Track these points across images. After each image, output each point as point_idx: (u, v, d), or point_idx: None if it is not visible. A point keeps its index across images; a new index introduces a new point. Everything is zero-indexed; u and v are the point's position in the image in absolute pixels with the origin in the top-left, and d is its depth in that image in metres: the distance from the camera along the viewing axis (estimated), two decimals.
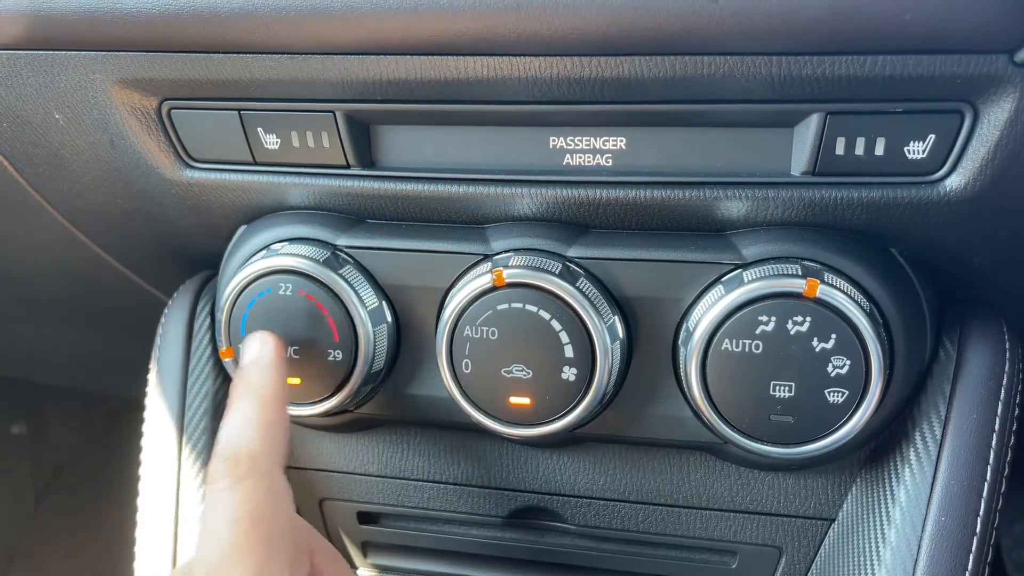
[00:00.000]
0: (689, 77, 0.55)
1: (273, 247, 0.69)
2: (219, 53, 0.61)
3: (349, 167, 0.65)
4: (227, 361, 0.70)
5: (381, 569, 0.82)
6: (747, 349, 0.59)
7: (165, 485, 0.76)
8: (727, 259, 0.62)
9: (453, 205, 0.65)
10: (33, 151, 0.73)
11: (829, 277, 0.59)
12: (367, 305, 0.67)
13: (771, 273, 0.59)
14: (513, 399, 0.64)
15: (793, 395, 0.59)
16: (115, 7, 0.59)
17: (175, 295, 0.81)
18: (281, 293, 0.67)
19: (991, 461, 0.62)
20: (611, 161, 0.62)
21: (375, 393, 0.71)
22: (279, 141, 0.65)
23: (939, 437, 0.64)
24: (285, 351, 0.65)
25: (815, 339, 0.58)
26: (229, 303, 0.68)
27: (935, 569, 0.61)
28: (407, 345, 0.70)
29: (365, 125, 0.65)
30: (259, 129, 0.65)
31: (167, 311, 0.80)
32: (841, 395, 0.59)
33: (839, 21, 0.51)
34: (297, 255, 0.66)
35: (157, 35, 0.60)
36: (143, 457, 0.78)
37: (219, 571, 0.51)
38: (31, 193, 0.79)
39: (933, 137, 0.56)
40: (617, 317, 0.64)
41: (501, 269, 0.62)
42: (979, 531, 0.61)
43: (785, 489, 0.70)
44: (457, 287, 0.65)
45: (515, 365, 0.63)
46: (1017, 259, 0.65)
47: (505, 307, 0.62)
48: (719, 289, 0.61)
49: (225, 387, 0.78)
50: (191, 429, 0.76)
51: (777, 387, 0.60)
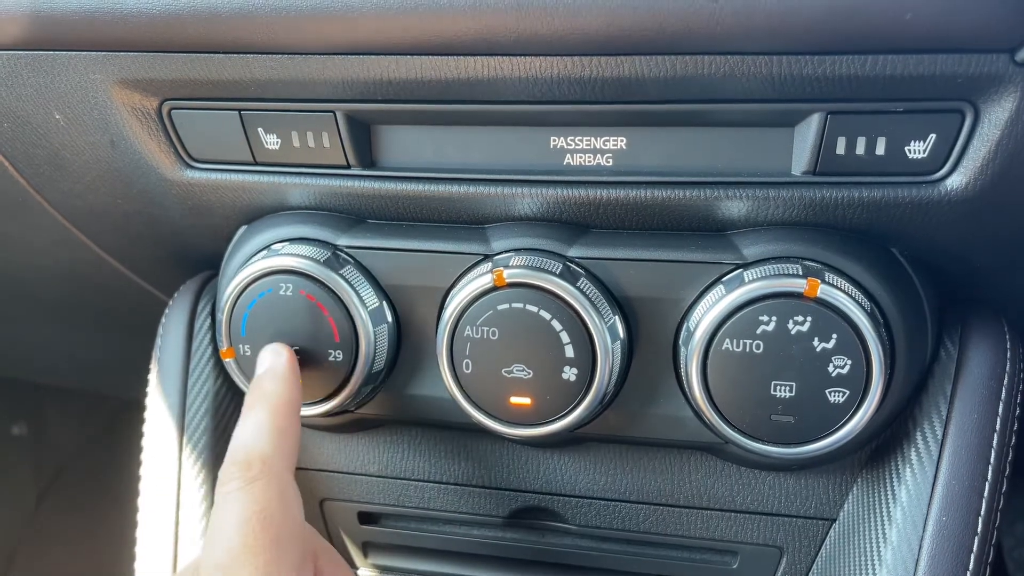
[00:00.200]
0: (689, 77, 0.55)
1: (274, 247, 0.69)
2: (219, 53, 0.61)
3: (349, 167, 0.65)
4: (227, 361, 0.70)
5: (382, 569, 0.82)
6: (748, 349, 0.59)
7: (166, 485, 0.76)
8: (728, 259, 0.62)
9: (453, 205, 0.65)
10: (33, 151, 0.73)
11: (830, 277, 0.59)
12: (368, 305, 0.67)
13: (772, 273, 0.59)
14: (514, 399, 0.64)
15: (794, 395, 0.59)
16: (115, 7, 0.59)
17: (175, 295, 0.81)
18: (282, 293, 0.67)
19: (992, 461, 0.62)
20: (611, 161, 0.62)
21: (376, 393, 0.71)
22: (279, 141, 0.65)
23: (940, 437, 0.64)
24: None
25: (816, 339, 0.58)
26: (230, 303, 0.68)
27: (936, 569, 0.61)
28: (408, 345, 0.70)
29: (365, 125, 0.65)
30: (259, 129, 0.65)
31: (168, 311, 0.80)
32: (842, 395, 0.59)
33: (839, 21, 0.51)
34: (298, 255, 0.66)
35: (157, 35, 0.60)
36: (144, 457, 0.78)
37: (227, 571, 0.51)
38: (31, 194, 0.79)
39: (934, 137, 0.56)
40: (618, 317, 0.64)
41: (502, 269, 0.62)
42: (980, 531, 0.61)
43: (786, 489, 0.70)
44: (458, 287, 0.65)
45: (516, 365, 0.63)
46: (1018, 259, 0.65)
47: (506, 307, 0.62)
48: (720, 289, 0.61)
49: (225, 387, 0.78)
50: (192, 429, 0.76)
51: (778, 387, 0.60)
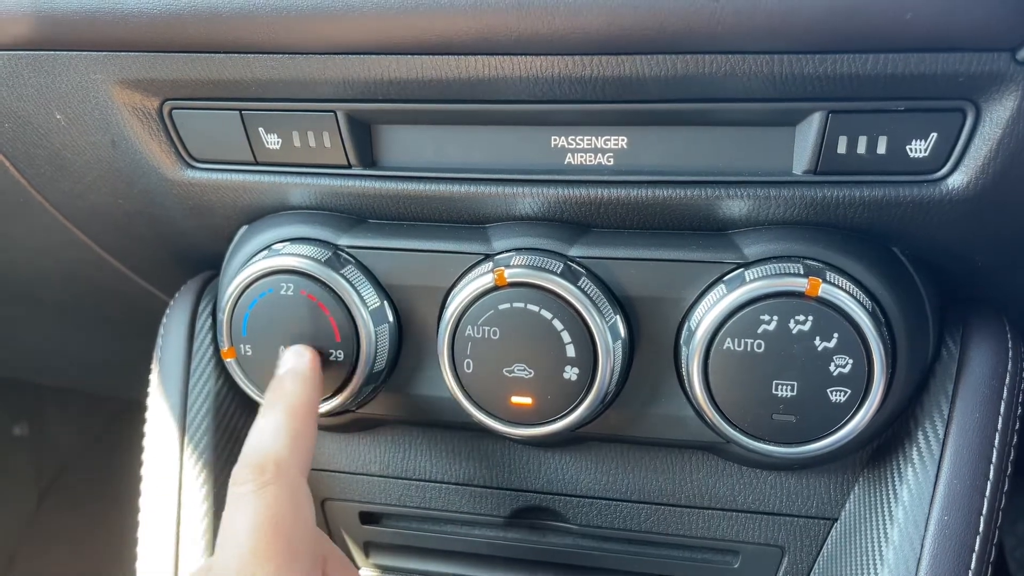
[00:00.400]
0: (690, 76, 0.55)
1: (274, 247, 0.69)
2: (220, 53, 0.61)
3: (350, 167, 0.65)
4: (229, 361, 0.70)
5: (383, 569, 0.82)
6: (749, 348, 0.59)
7: (167, 485, 0.76)
8: (729, 258, 0.62)
9: (454, 205, 0.65)
10: (35, 152, 0.73)
11: (831, 276, 0.59)
12: (369, 305, 0.67)
13: (773, 272, 0.59)
14: (515, 399, 0.64)
15: (795, 394, 0.59)
16: (116, 7, 0.59)
17: (177, 295, 0.81)
18: (283, 293, 0.67)
19: (994, 460, 0.62)
20: (612, 160, 0.62)
21: (377, 393, 0.71)
22: (280, 141, 0.65)
23: (942, 436, 0.63)
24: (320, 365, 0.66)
25: (817, 338, 0.58)
26: (231, 303, 0.68)
27: (938, 568, 0.61)
28: (409, 345, 0.70)
29: (366, 125, 0.65)
30: (260, 129, 0.65)
31: (169, 311, 0.80)
32: (843, 394, 0.59)
33: (840, 20, 0.50)
34: (298, 255, 0.66)
35: (158, 35, 0.60)
36: (145, 457, 0.78)
37: (240, 574, 0.51)
38: (32, 194, 0.79)
39: (935, 136, 0.56)
40: (619, 316, 0.64)
41: (503, 269, 0.62)
42: (982, 530, 0.61)
43: (787, 488, 0.70)
44: (459, 287, 0.65)
45: (517, 365, 0.63)
46: (1019, 258, 0.65)
47: (507, 307, 0.62)
48: (721, 288, 0.61)
49: (227, 387, 0.78)
50: (193, 429, 0.76)
51: (779, 386, 0.60)
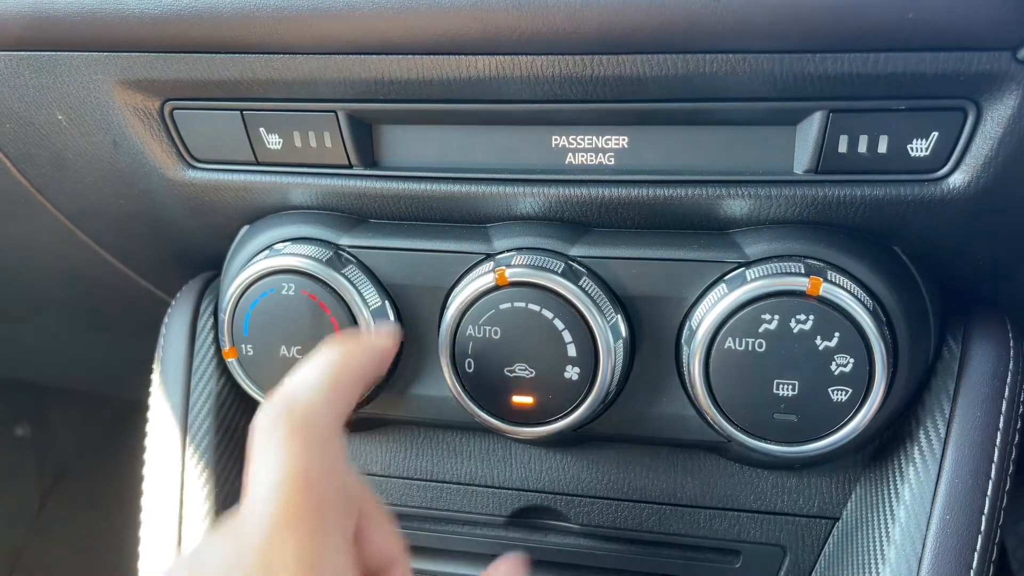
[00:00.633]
0: (691, 75, 0.55)
1: (276, 247, 0.69)
2: (221, 53, 0.61)
3: (351, 167, 0.65)
4: (230, 361, 0.70)
5: None
6: (750, 348, 0.59)
7: (169, 485, 0.76)
8: (730, 257, 0.62)
9: (455, 204, 0.65)
10: (36, 152, 0.73)
11: (832, 275, 0.59)
12: (370, 305, 0.67)
13: (774, 271, 0.59)
14: (516, 398, 0.64)
15: (796, 393, 0.59)
16: (117, 8, 0.59)
17: (178, 296, 0.81)
18: (284, 293, 0.67)
19: (995, 459, 0.62)
20: (613, 160, 0.62)
21: (378, 393, 0.71)
22: (281, 141, 0.65)
23: (943, 435, 0.63)
24: (396, 342, 0.61)
25: (818, 337, 0.58)
26: (232, 303, 0.68)
27: (940, 568, 0.61)
28: (410, 345, 0.70)
29: (367, 125, 0.65)
30: (261, 129, 0.65)
31: (170, 311, 0.80)
32: (845, 393, 0.59)
33: (841, 19, 0.51)
34: (300, 255, 0.67)
35: (159, 36, 0.60)
36: (147, 457, 0.78)
37: (269, 540, 0.45)
38: (34, 194, 0.79)
39: (936, 135, 0.56)
40: (620, 316, 0.64)
41: (504, 268, 0.62)
42: (984, 530, 0.61)
43: (789, 488, 0.70)
44: (460, 286, 0.65)
45: (518, 364, 0.63)
46: (1020, 256, 0.65)
47: (508, 306, 0.62)
48: (722, 287, 0.61)
49: (228, 387, 0.78)
50: (194, 429, 0.76)
51: (780, 386, 0.60)
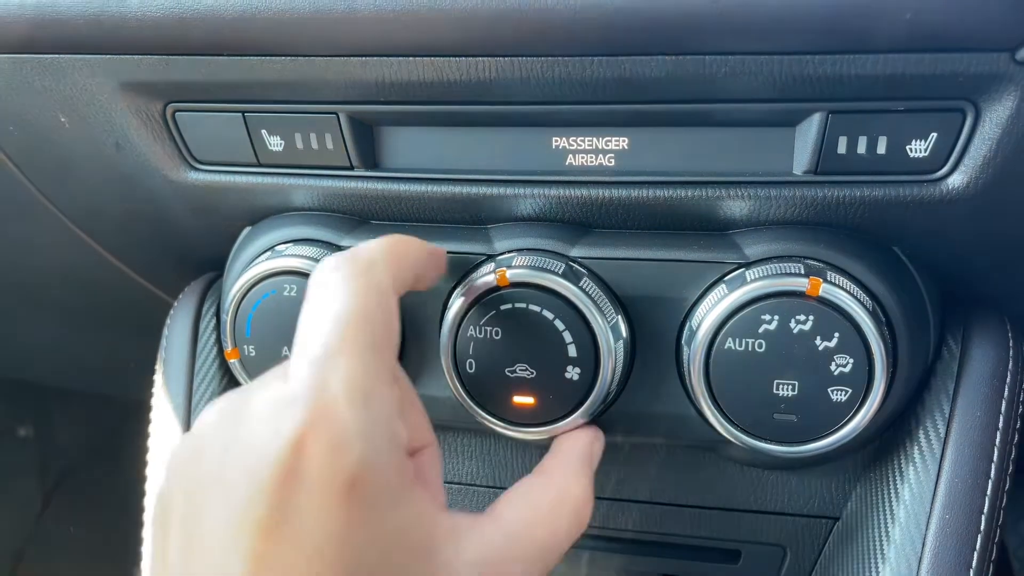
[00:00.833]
0: (690, 77, 0.55)
1: (278, 248, 0.69)
2: (222, 56, 0.61)
3: (352, 168, 0.66)
4: (232, 362, 0.71)
5: None
6: (750, 348, 0.60)
7: None
8: (730, 258, 0.62)
9: (456, 205, 0.66)
10: (39, 154, 0.73)
11: (832, 276, 0.59)
12: None
13: (774, 272, 0.60)
14: (517, 399, 0.64)
15: (796, 394, 0.60)
16: (119, 11, 0.60)
17: (180, 297, 0.81)
18: (286, 294, 0.67)
19: (995, 459, 0.62)
20: (613, 161, 0.62)
21: None
22: (283, 143, 0.65)
23: (943, 435, 0.64)
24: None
25: (818, 338, 0.58)
26: (234, 304, 0.69)
27: (939, 567, 0.61)
28: (411, 345, 0.70)
29: (368, 126, 0.65)
30: (263, 131, 0.65)
31: (172, 313, 0.81)
32: (844, 393, 0.59)
33: (839, 21, 0.51)
34: (302, 256, 0.67)
35: (161, 39, 0.60)
36: (149, 458, 0.78)
37: (321, 366, 0.45)
38: (37, 196, 0.79)
39: (935, 136, 0.56)
40: (620, 316, 0.64)
41: (504, 269, 0.62)
42: (983, 529, 0.61)
43: (789, 488, 0.70)
44: (461, 287, 0.65)
45: (519, 365, 0.64)
46: (1020, 257, 0.65)
47: (509, 307, 0.63)
48: (722, 288, 0.61)
49: (230, 388, 0.78)
50: None
51: (780, 386, 0.60)
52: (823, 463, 0.69)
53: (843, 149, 0.57)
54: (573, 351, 0.62)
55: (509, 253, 0.65)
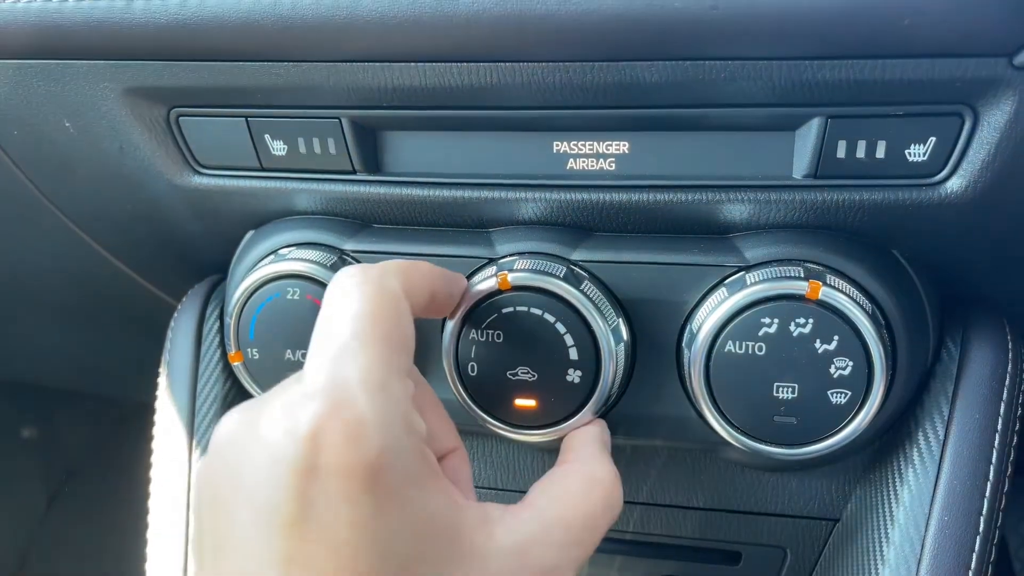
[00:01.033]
0: (690, 82, 0.55)
1: (281, 252, 0.70)
2: (226, 61, 0.61)
3: (355, 173, 0.66)
4: (236, 365, 0.71)
5: None
6: (750, 351, 0.60)
7: (176, 488, 0.77)
8: (730, 262, 0.63)
9: (458, 209, 0.66)
10: (43, 158, 0.74)
11: (831, 279, 0.59)
12: None
13: (774, 275, 0.60)
14: (519, 401, 0.65)
15: (796, 396, 0.60)
16: (124, 18, 0.60)
17: (184, 299, 0.82)
18: (289, 297, 0.67)
19: (994, 461, 0.63)
20: (614, 165, 0.63)
21: None
22: (286, 147, 0.66)
23: (942, 437, 0.64)
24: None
25: (818, 340, 0.59)
26: (238, 307, 0.69)
27: (939, 568, 0.61)
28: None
29: (371, 131, 0.65)
30: (266, 136, 0.66)
31: (176, 315, 0.81)
32: (844, 396, 0.59)
33: (838, 26, 0.51)
34: (304, 259, 0.67)
35: (165, 45, 0.61)
36: (154, 460, 0.79)
37: (336, 362, 0.45)
38: (41, 199, 0.79)
39: (933, 140, 0.56)
40: (621, 319, 0.64)
41: (506, 273, 0.63)
42: (982, 530, 0.62)
43: (789, 490, 0.71)
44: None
45: (520, 368, 0.64)
46: (1018, 259, 0.65)
47: (510, 310, 0.63)
48: (722, 291, 0.62)
49: (234, 390, 0.78)
50: (201, 432, 0.77)
51: (780, 388, 0.60)
52: (823, 465, 0.69)
53: (842, 153, 0.57)
54: (574, 354, 0.63)
55: (510, 257, 0.65)
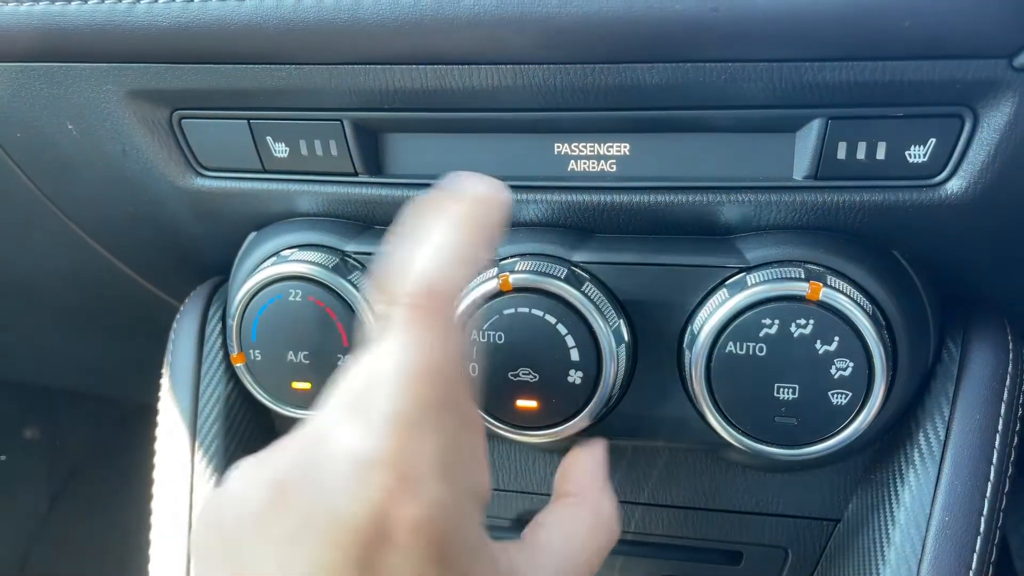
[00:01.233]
0: (691, 84, 0.56)
1: (283, 253, 0.70)
2: (228, 64, 0.62)
3: (356, 174, 0.66)
4: (238, 366, 0.71)
5: None
6: (751, 352, 0.60)
7: (179, 489, 0.77)
8: (731, 263, 0.63)
9: None
10: (46, 160, 0.74)
11: (832, 280, 0.60)
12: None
13: (774, 276, 0.60)
14: (520, 402, 0.65)
15: (797, 397, 0.60)
16: (126, 21, 0.60)
17: (187, 301, 0.82)
18: (291, 299, 0.67)
19: (994, 461, 0.63)
20: (615, 167, 0.63)
21: None
22: (288, 149, 0.66)
23: (943, 438, 0.64)
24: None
25: (818, 341, 0.59)
26: (240, 309, 0.69)
27: (939, 569, 0.62)
28: None
29: (372, 133, 0.66)
30: (268, 138, 0.66)
31: (179, 317, 0.81)
32: (844, 397, 0.60)
33: (838, 28, 0.51)
34: (306, 261, 0.67)
35: (168, 47, 0.61)
36: (157, 461, 0.79)
37: (398, 436, 0.42)
38: (44, 202, 0.80)
39: (934, 141, 0.56)
40: (622, 320, 0.64)
41: (507, 274, 0.63)
42: (983, 531, 0.62)
43: (790, 490, 0.71)
44: (464, 292, 0.66)
45: (522, 369, 0.64)
46: (1018, 260, 0.65)
47: (511, 311, 0.63)
48: (723, 292, 0.62)
49: (236, 392, 0.79)
50: (204, 433, 0.77)
51: (781, 389, 0.60)
52: (824, 465, 0.69)
53: (843, 155, 0.58)
54: (576, 355, 0.63)
55: (512, 258, 0.66)
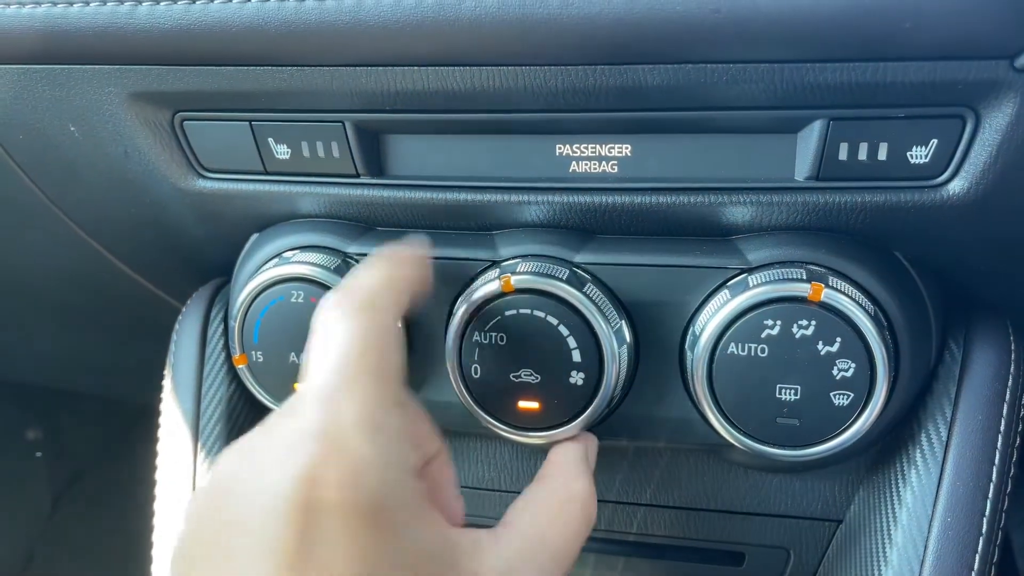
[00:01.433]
0: (693, 85, 0.56)
1: (284, 255, 0.70)
2: (230, 66, 0.62)
3: (358, 176, 0.66)
4: (240, 368, 0.71)
5: None
6: (753, 353, 0.60)
7: (181, 490, 0.77)
8: (732, 264, 0.63)
9: (461, 212, 0.66)
10: (48, 162, 0.74)
11: (833, 281, 0.60)
12: None
13: (776, 277, 0.60)
14: (522, 403, 0.65)
15: (799, 398, 0.60)
16: (129, 23, 0.60)
17: (189, 302, 0.82)
18: (293, 301, 0.68)
19: (996, 462, 0.63)
20: (616, 168, 0.63)
21: None
22: (289, 151, 0.66)
23: (945, 439, 0.64)
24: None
25: (820, 342, 0.59)
26: (242, 310, 0.69)
27: (942, 569, 0.62)
28: (417, 351, 0.71)
29: (374, 134, 0.66)
30: (270, 139, 0.66)
31: (181, 318, 0.81)
32: (846, 398, 0.60)
33: (840, 29, 0.51)
34: (308, 263, 0.67)
35: (169, 49, 0.61)
36: (159, 462, 0.79)
37: (329, 403, 0.47)
38: (46, 203, 0.80)
39: (935, 142, 0.56)
40: (624, 321, 0.64)
41: (509, 275, 0.63)
42: (985, 531, 0.62)
43: (792, 491, 0.71)
44: (466, 293, 0.66)
45: (524, 370, 0.64)
46: (1020, 261, 0.65)
47: (513, 312, 0.63)
48: (725, 293, 0.62)
49: (238, 393, 0.79)
50: (206, 434, 0.77)
51: (783, 390, 0.60)
52: (826, 466, 0.69)
53: (844, 155, 0.58)
54: (577, 356, 0.63)
55: (514, 259, 0.66)
